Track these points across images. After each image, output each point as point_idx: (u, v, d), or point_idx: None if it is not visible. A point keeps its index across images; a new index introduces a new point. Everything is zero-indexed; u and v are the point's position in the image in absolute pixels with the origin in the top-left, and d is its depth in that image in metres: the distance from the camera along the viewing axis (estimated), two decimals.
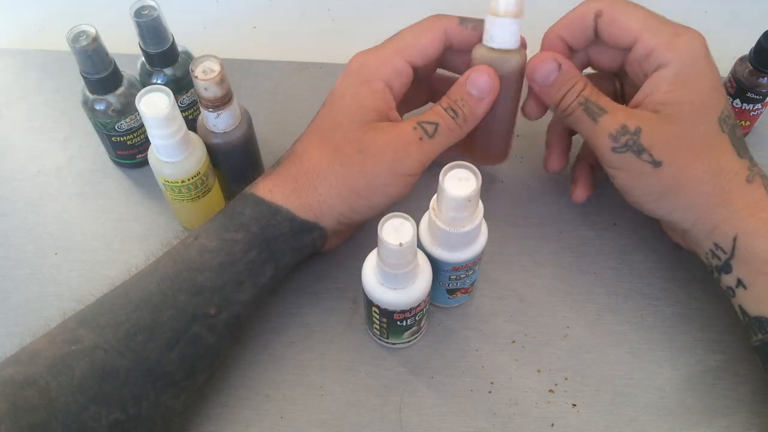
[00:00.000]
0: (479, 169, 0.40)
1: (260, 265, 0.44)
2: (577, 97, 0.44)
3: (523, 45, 0.46)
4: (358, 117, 0.45)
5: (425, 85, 0.52)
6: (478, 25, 0.46)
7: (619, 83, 0.50)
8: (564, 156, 0.52)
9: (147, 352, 0.40)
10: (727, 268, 0.43)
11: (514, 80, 0.45)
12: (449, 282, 0.46)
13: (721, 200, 0.43)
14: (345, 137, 0.45)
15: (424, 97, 0.54)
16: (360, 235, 0.53)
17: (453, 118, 0.45)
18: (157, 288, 0.42)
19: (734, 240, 0.42)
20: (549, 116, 0.51)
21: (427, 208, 0.43)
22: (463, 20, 0.46)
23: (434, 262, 0.44)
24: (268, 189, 0.45)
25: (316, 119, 0.48)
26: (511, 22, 0.43)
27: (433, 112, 0.45)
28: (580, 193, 0.51)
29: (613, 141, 0.43)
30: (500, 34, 0.44)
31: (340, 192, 0.45)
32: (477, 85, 0.45)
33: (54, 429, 0.37)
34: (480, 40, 0.45)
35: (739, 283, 0.43)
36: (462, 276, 0.46)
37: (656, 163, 0.43)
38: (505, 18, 0.43)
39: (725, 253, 0.43)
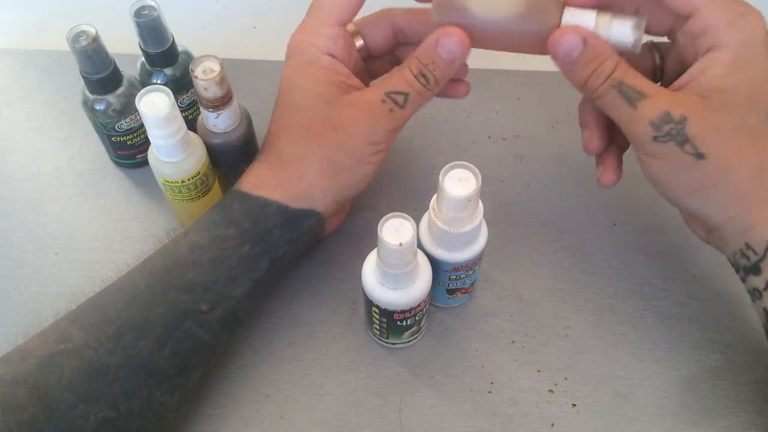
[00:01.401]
0: (479, 170, 0.40)
1: (254, 259, 0.44)
2: (607, 78, 0.40)
3: None
4: (320, 95, 0.45)
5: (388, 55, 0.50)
6: None
7: (659, 57, 0.46)
8: (604, 135, 0.46)
9: (137, 350, 0.40)
10: (756, 269, 0.41)
11: None
12: (449, 282, 0.46)
13: (761, 199, 0.40)
14: (314, 117, 0.45)
15: (388, 66, 0.51)
16: (360, 235, 0.53)
17: (424, 85, 0.43)
18: (146, 285, 0.42)
19: None
20: (545, 107, 0.51)
21: (427, 208, 0.43)
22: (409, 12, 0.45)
23: (434, 262, 0.44)
24: (253, 184, 0.45)
25: (276, 108, 0.47)
26: None
27: (402, 78, 0.43)
28: (610, 175, 0.46)
29: (654, 129, 0.39)
30: None
31: (326, 172, 0.45)
32: (448, 48, 0.42)
33: (42, 426, 0.37)
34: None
35: None
36: (462, 276, 0.46)
37: (699, 156, 0.39)
38: None
39: (756, 254, 0.40)
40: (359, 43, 0.48)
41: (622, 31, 0.40)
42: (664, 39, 0.45)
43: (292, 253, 0.46)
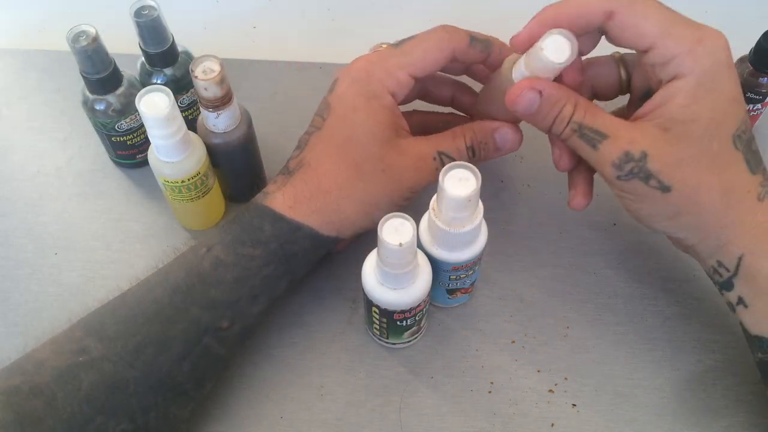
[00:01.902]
0: (479, 170, 0.40)
1: (276, 279, 0.44)
2: (568, 123, 0.41)
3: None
4: (377, 134, 0.45)
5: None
6: (487, 47, 0.46)
7: (625, 71, 0.46)
8: (573, 153, 0.46)
9: (157, 365, 0.40)
10: (728, 285, 0.42)
11: None
12: (449, 282, 0.46)
13: (729, 221, 0.41)
14: (366, 155, 0.44)
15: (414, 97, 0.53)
16: (360, 235, 0.53)
17: (470, 157, 0.47)
18: (169, 301, 0.42)
19: (739, 259, 0.41)
20: None
21: (427, 208, 0.43)
22: (473, 40, 0.46)
23: (434, 262, 0.44)
24: (288, 206, 0.44)
25: (325, 128, 0.46)
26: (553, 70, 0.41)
27: (455, 145, 0.46)
28: (581, 200, 0.48)
29: (617, 170, 0.41)
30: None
31: (363, 209, 0.45)
32: (505, 139, 0.47)
33: None
34: (486, 61, 0.46)
35: (740, 300, 0.42)
36: (462, 276, 0.46)
37: (665, 189, 0.40)
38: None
39: (728, 271, 0.42)
40: None
41: (548, 57, 0.40)
42: None
43: (307, 271, 0.47)
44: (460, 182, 0.40)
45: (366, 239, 0.52)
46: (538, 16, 0.42)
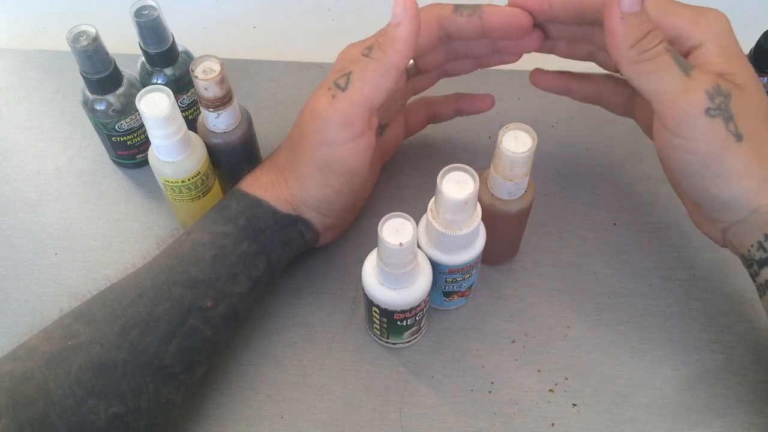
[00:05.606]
0: (479, 170, 0.40)
1: (252, 257, 0.45)
2: (660, 41, 0.38)
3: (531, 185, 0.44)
4: (316, 111, 0.43)
5: (427, 106, 0.53)
6: (473, 11, 0.44)
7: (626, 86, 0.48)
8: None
9: (144, 345, 0.40)
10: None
11: (522, 217, 0.47)
12: (445, 285, 0.46)
13: None
14: (301, 128, 0.45)
15: (424, 119, 0.54)
16: (360, 235, 0.53)
17: (366, 55, 0.41)
18: (152, 283, 0.42)
19: None
20: (545, 107, 0.51)
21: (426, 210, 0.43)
22: (457, 8, 0.45)
23: (431, 264, 0.44)
24: (249, 183, 0.47)
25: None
26: (513, 185, 0.43)
27: (348, 60, 0.43)
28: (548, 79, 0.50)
29: (709, 100, 0.37)
30: (504, 191, 0.44)
31: (300, 180, 0.45)
32: (396, 15, 0.40)
33: (53, 422, 0.37)
34: (476, 29, 0.45)
35: None
36: (458, 279, 0.46)
37: (739, 137, 0.38)
38: (507, 182, 0.43)
39: None
40: None
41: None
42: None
43: (285, 256, 0.47)
44: (457, 185, 0.40)
45: (366, 239, 0.52)
46: None
